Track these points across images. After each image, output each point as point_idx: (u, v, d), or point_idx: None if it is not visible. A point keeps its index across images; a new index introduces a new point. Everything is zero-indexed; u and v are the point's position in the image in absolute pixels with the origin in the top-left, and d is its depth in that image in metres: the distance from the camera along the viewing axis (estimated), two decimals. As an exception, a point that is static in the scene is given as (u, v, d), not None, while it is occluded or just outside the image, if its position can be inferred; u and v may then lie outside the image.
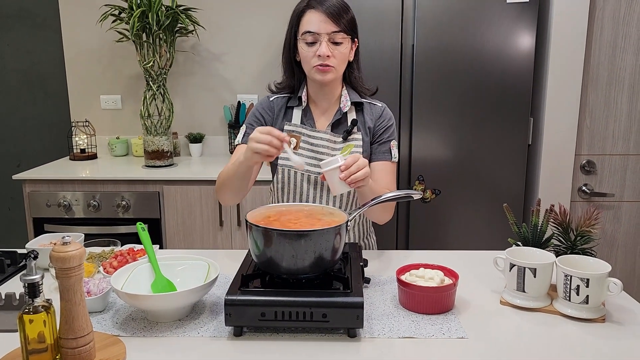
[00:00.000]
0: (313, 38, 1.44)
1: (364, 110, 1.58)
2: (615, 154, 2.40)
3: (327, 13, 1.43)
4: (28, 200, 2.58)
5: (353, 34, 1.49)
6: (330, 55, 1.44)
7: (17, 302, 1.19)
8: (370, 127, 1.57)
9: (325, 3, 1.44)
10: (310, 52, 1.46)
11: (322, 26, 1.43)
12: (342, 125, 1.56)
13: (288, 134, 1.55)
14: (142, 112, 2.69)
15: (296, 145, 1.54)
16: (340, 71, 1.51)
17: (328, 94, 1.56)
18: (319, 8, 1.44)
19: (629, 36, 2.30)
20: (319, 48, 1.43)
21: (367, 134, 1.56)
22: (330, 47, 1.44)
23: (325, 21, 1.43)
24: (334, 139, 1.54)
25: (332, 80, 1.49)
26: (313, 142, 1.54)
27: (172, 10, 2.64)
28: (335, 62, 1.45)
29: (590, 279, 1.11)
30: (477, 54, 2.26)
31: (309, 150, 1.54)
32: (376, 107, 1.60)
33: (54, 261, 0.91)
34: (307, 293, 1.08)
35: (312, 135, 1.55)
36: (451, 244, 2.40)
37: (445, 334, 1.09)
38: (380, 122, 1.58)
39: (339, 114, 1.55)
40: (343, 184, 1.26)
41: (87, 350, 0.96)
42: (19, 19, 3.13)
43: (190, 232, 2.58)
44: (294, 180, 1.55)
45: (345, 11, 1.46)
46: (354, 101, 1.56)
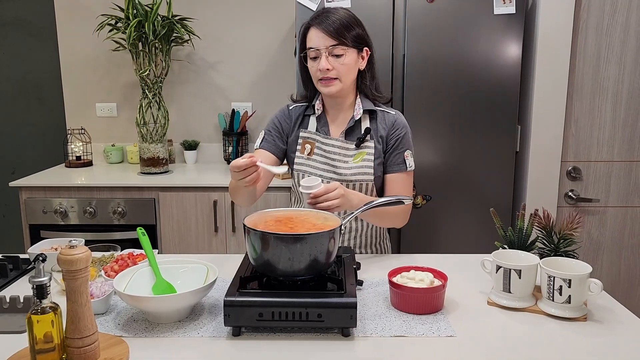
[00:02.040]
0: (315, 53, 1.54)
1: (377, 118, 1.64)
2: (600, 161, 2.47)
3: (324, 29, 1.51)
4: (24, 207, 2.61)
5: (357, 45, 1.56)
6: (331, 68, 1.52)
7: (22, 305, 1.23)
8: (382, 135, 1.62)
9: (326, 21, 1.53)
10: (313, 67, 1.56)
11: (321, 42, 1.52)
12: (355, 133, 1.62)
13: (303, 140, 1.64)
14: (138, 120, 2.73)
15: (310, 151, 1.62)
16: (347, 81, 1.57)
17: (339, 103, 1.64)
18: (317, 26, 1.53)
19: (612, 47, 2.38)
20: (320, 62, 1.52)
21: (380, 143, 1.62)
22: (330, 60, 1.52)
23: (323, 37, 1.52)
24: (346, 146, 1.61)
25: (338, 91, 1.57)
26: (326, 149, 1.62)
27: (168, 20, 2.69)
28: (337, 73, 1.53)
29: (572, 280, 1.16)
30: (466, 63, 2.33)
31: (322, 157, 1.62)
32: (389, 115, 1.65)
33: (62, 264, 0.95)
34: (303, 294, 1.12)
35: (325, 142, 1.62)
36: (441, 248, 2.45)
37: (435, 332, 1.14)
38: (394, 132, 1.63)
39: (352, 121, 1.61)
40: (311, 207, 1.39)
41: (93, 349, 1.00)
42: (15, 27, 3.17)
43: (186, 237, 2.62)
44: None
45: (345, 26, 1.53)
46: (366, 109, 1.62)
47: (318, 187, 1.38)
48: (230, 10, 3.06)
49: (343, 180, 1.59)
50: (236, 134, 3.02)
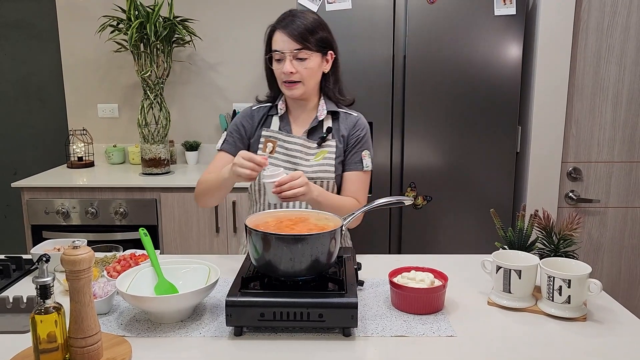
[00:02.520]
0: (279, 56, 1.57)
1: (340, 119, 1.68)
2: (601, 161, 2.47)
3: (289, 33, 1.54)
4: (26, 207, 2.62)
5: (322, 49, 1.59)
6: (294, 72, 1.55)
7: (25, 305, 1.24)
8: (344, 135, 1.66)
9: (291, 25, 1.55)
10: (277, 70, 1.59)
11: (285, 45, 1.55)
12: (317, 133, 1.66)
13: (265, 139, 1.66)
14: (140, 121, 2.74)
15: (272, 150, 1.65)
16: (310, 84, 1.61)
17: (303, 105, 1.67)
18: (282, 29, 1.56)
19: (612, 47, 2.38)
20: (284, 65, 1.55)
21: (341, 142, 1.66)
22: (294, 63, 1.55)
23: (287, 41, 1.55)
24: (308, 144, 1.64)
25: (301, 94, 1.60)
26: (288, 147, 1.64)
27: (169, 21, 2.70)
28: (300, 76, 1.57)
29: (571, 280, 1.17)
30: (467, 64, 2.34)
31: (284, 155, 1.64)
32: (352, 116, 1.69)
33: (65, 264, 0.96)
34: (304, 294, 1.13)
35: (287, 141, 1.65)
36: (442, 248, 2.46)
37: (436, 332, 1.15)
38: (354, 132, 1.67)
39: (315, 121, 1.65)
40: (276, 196, 1.40)
41: (96, 349, 1.01)
42: (17, 28, 3.18)
43: (187, 238, 2.62)
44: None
45: (310, 31, 1.55)
46: (330, 110, 1.65)
47: (281, 176, 1.39)
48: (231, 12, 3.07)
49: None
50: (237, 135, 3.02)
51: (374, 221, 2.43)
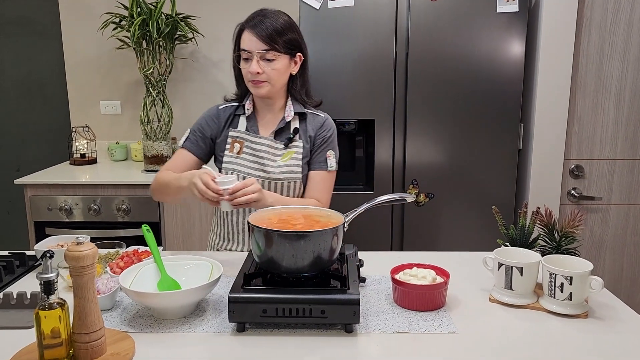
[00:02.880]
0: (246, 55, 1.57)
1: (307, 120, 1.69)
2: (603, 159, 2.47)
3: (258, 34, 1.54)
4: (29, 204, 2.63)
5: (290, 51, 1.59)
6: (261, 72, 1.55)
7: (29, 301, 1.24)
8: (311, 135, 1.67)
9: (260, 25, 1.55)
10: (245, 69, 1.59)
11: (253, 45, 1.55)
12: (284, 134, 1.66)
13: (232, 139, 1.66)
14: (142, 118, 2.75)
15: (239, 150, 1.65)
16: (277, 85, 1.61)
17: (270, 105, 1.67)
18: (251, 29, 1.56)
19: (615, 44, 2.38)
20: (251, 65, 1.56)
21: (308, 142, 1.67)
22: (262, 64, 1.55)
23: (255, 41, 1.55)
24: (275, 145, 1.64)
25: (267, 93, 1.61)
26: (255, 148, 1.64)
27: (171, 18, 2.70)
28: (267, 77, 1.57)
29: (573, 277, 1.17)
30: (469, 61, 2.34)
31: (251, 155, 1.64)
32: (319, 117, 1.71)
33: (69, 260, 0.97)
34: (307, 291, 1.13)
35: (254, 141, 1.65)
36: (443, 246, 2.46)
37: (437, 329, 1.15)
38: (321, 132, 1.68)
39: (282, 122, 1.65)
40: (228, 204, 1.39)
41: (99, 344, 1.01)
42: (19, 26, 3.18)
43: (189, 235, 2.63)
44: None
45: (279, 32, 1.56)
46: (297, 111, 1.66)
47: (234, 183, 1.39)
48: (233, 8, 3.07)
49: (271, 179, 1.63)
50: (239, 132, 3.03)
51: (376, 218, 2.43)
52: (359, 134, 2.51)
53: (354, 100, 2.38)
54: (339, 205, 1.49)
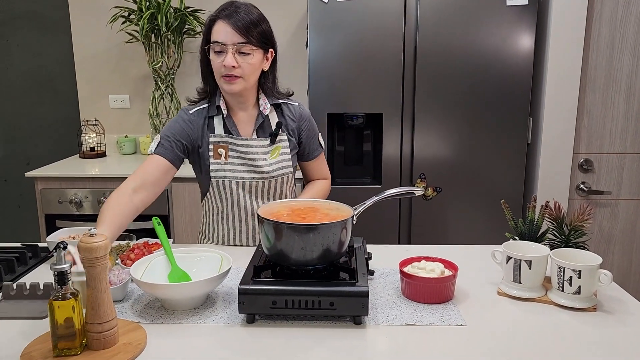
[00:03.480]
0: (220, 48, 1.47)
1: (283, 111, 1.64)
2: (613, 153, 2.46)
3: (233, 25, 1.45)
4: (40, 197, 2.65)
5: (264, 45, 1.52)
6: (236, 66, 1.47)
7: (42, 291, 1.26)
8: (293, 128, 1.65)
9: (234, 16, 1.46)
10: (217, 62, 1.49)
11: (229, 37, 1.46)
12: (265, 128, 1.61)
13: (215, 145, 1.57)
14: (151, 111, 2.76)
15: (225, 155, 1.57)
16: (250, 81, 1.53)
17: (242, 102, 1.59)
18: (226, 20, 1.46)
19: (626, 38, 2.36)
20: (225, 58, 1.46)
21: (292, 135, 1.65)
22: (237, 57, 1.47)
23: (231, 33, 1.45)
24: (261, 143, 1.59)
25: (241, 90, 1.52)
26: (242, 150, 1.58)
27: (180, 12, 2.71)
28: (241, 72, 1.48)
29: (582, 271, 1.17)
30: (478, 55, 2.33)
31: (239, 158, 1.58)
32: (293, 106, 1.67)
33: (82, 251, 0.98)
34: (316, 283, 1.14)
35: (239, 144, 1.58)
36: (451, 239, 2.46)
37: (445, 321, 1.16)
38: (304, 123, 1.67)
39: (260, 117, 1.60)
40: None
41: (112, 334, 1.03)
42: (29, 20, 3.20)
43: (198, 228, 2.64)
44: (230, 189, 1.60)
45: (255, 24, 1.48)
46: (272, 103, 1.61)
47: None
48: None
49: (265, 178, 1.60)
50: (248, 126, 3.04)
51: (384, 212, 2.44)
52: (367, 128, 2.51)
53: (362, 94, 2.38)
54: (347, 199, 1.49)
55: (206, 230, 1.73)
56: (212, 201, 1.65)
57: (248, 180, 1.59)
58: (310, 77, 2.38)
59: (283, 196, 1.66)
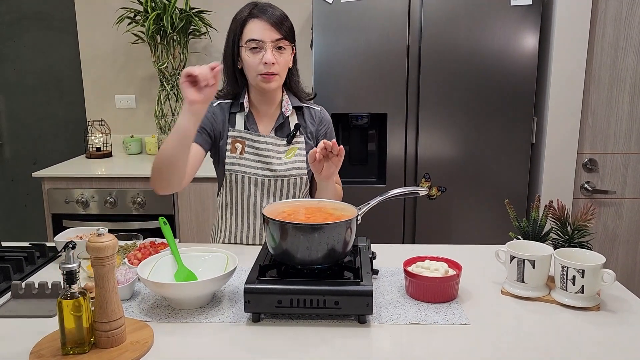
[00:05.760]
0: (257, 45, 1.50)
1: (304, 115, 1.66)
2: (617, 153, 2.46)
3: (270, 22, 1.49)
4: (47, 197, 2.68)
5: (293, 40, 1.56)
6: (275, 62, 1.50)
7: (50, 290, 1.28)
8: (312, 131, 1.66)
9: (267, 12, 1.50)
10: (255, 60, 1.50)
11: (267, 34, 1.49)
12: (284, 129, 1.63)
13: (233, 139, 1.60)
14: (157, 112, 2.78)
15: (242, 150, 1.60)
16: (283, 78, 1.57)
17: (270, 100, 1.62)
18: (262, 17, 1.50)
19: (630, 37, 2.36)
20: (264, 55, 1.48)
21: (310, 138, 1.65)
22: (274, 54, 1.50)
23: (269, 29, 1.49)
24: (278, 142, 1.61)
25: (277, 86, 1.56)
26: (258, 147, 1.61)
27: (185, 13, 2.73)
28: (278, 68, 1.52)
29: (585, 270, 1.18)
30: (482, 55, 2.33)
31: (254, 155, 1.61)
32: (315, 110, 1.69)
33: (91, 250, 0.99)
34: (321, 282, 1.15)
35: (256, 140, 1.61)
36: (455, 239, 2.47)
37: (449, 320, 1.16)
38: (322, 127, 1.68)
39: (281, 118, 1.62)
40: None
41: (119, 333, 1.04)
42: (36, 21, 3.23)
43: (204, 227, 2.66)
44: (242, 184, 1.62)
45: (285, 19, 1.53)
46: (295, 105, 1.63)
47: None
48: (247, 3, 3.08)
49: (277, 177, 1.61)
50: (252, 126, 3.06)
51: (388, 211, 2.44)
52: (371, 128, 2.52)
53: (366, 94, 2.39)
54: (352, 199, 1.50)
55: (218, 227, 1.76)
56: (224, 196, 1.68)
57: (260, 178, 1.61)
58: (315, 78, 2.39)
59: (294, 197, 1.66)
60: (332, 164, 1.43)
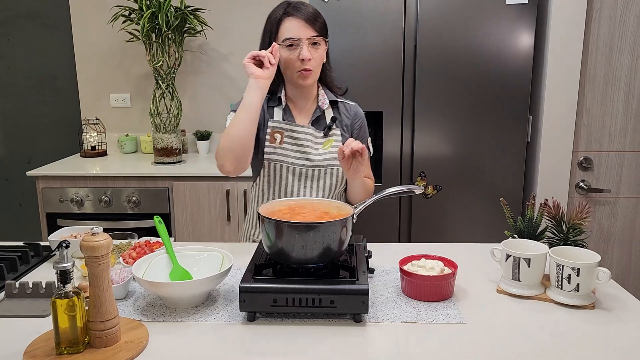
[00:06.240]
0: (293, 43, 1.54)
1: (339, 108, 1.71)
2: (612, 151, 2.46)
3: (304, 19, 1.54)
4: (41, 196, 2.66)
5: (326, 36, 1.60)
6: (311, 58, 1.54)
7: (44, 290, 1.27)
8: (347, 125, 1.71)
9: (301, 10, 1.55)
10: (292, 57, 1.55)
11: (302, 31, 1.54)
12: (321, 123, 1.68)
13: (272, 130, 1.65)
14: (152, 111, 2.77)
15: (281, 140, 1.65)
16: (318, 73, 1.62)
17: (306, 95, 1.67)
18: (296, 15, 1.55)
19: (625, 36, 2.36)
20: (301, 52, 1.53)
21: (346, 131, 1.70)
22: (310, 50, 1.54)
23: (304, 26, 1.54)
24: (315, 133, 1.66)
25: (313, 82, 1.61)
26: (297, 137, 1.65)
27: (180, 11, 2.71)
28: (314, 64, 1.56)
29: (580, 268, 1.18)
30: (478, 53, 2.33)
31: (293, 144, 1.65)
32: (349, 105, 1.74)
33: (85, 250, 0.99)
34: (316, 281, 1.15)
35: (295, 130, 1.65)
36: (451, 237, 2.47)
37: (445, 319, 1.16)
38: (357, 122, 1.73)
39: (318, 111, 1.67)
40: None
41: (114, 332, 1.04)
42: (30, 19, 3.21)
43: (199, 226, 2.66)
44: (280, 173, 1.65)
45: (318, 16, 1.57)
46: (331, 100, 1.69)
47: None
48: (242, 1, 3.07)
49: (315, 166, 1.64)
50: (248, 124, 3.05)
51: (384, 210, 2.44)
52: (367, 127, 2.51)
53: (362, 93, 2.38)
54: (347, 197, 1.50)
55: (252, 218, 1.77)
56: (260, 187, 1.70)
57: (299, 167, 1.64)
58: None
59: (331, 188, 1.67)
60: (358, 162, 1.47)
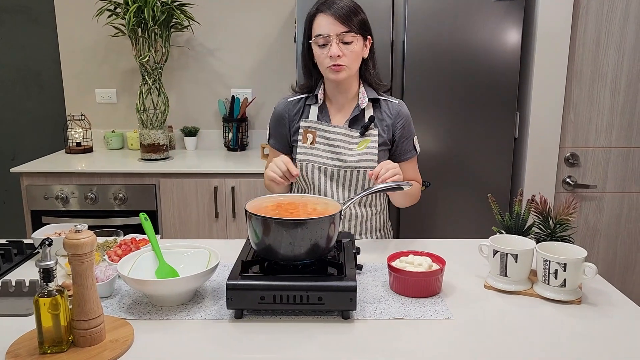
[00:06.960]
0: (324, 40, 1.54)
1: (381, 107, 1.67)
2: (598, 147, 2.48)
3: (334, 15, 1.52)
4: (25, 193, 2.63)
5: (364, 32, 1.58)
6: (341, 55, 1.53)
7: (27, 288, 1.25)
8: (388, 125, 1.66)
9: (334, 6, 1.53)
10: (322, 54, 1.55)
11: (331, 28, 1.52)
12: (359, 121, 1.64)
13: (304, 130, 1.64)
14: (138, 106, 2.74)
15: (312, 141, 1.64)
16: (354, 69, 1.59)
17: (344, 92, 1.64)
18: (327, 12, 1.53)
19: (611, 33, 2.38)
20: (330, 49, 1.52)
21: (385, 132, 1.65)
22: (341, 47, 1.53)
23: (333, 23, 1.52)
24: (350, 133, 1.63)
25: (346, 78, 1.58)
26: (329, 137, 1.63)
27: (167, 5, 2.68)
28: (347, 60, 1.54)
29: (567, 264, 1.19)
30: (466, 50, 2.33)
31: (325, 145, 1.63)
32: (393, 103, 1.69)
33: (68, 247, 0.97)
34: (304, 278, 1.14)
35: (328, 130, 1.64)
36: (439, 233, 2.48)
37: (433, 315, 1.16)
38: (400, 121, 1.67)
39: (357, 110, 1.64)
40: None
41: (98, 331, 1.02)
42: (14, 13, 3.15)
43: (186, 223, 2.64)
44: (312, 173, 1.64)
45: (353, 12, 1.55)
46: (371, 98, 1.64)
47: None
48: None
49: (347, 167, 1.62)
50: (236, 121, 3.03)
51: (372, 206, 2.44)
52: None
53: (350, 89, 2.37)
54: (335, 194, 1.49)
55: None
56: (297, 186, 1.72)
57: (330, 168, 1.63)
58: (298, 72, 2.37)
59: (363, 189, 1.65)
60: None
